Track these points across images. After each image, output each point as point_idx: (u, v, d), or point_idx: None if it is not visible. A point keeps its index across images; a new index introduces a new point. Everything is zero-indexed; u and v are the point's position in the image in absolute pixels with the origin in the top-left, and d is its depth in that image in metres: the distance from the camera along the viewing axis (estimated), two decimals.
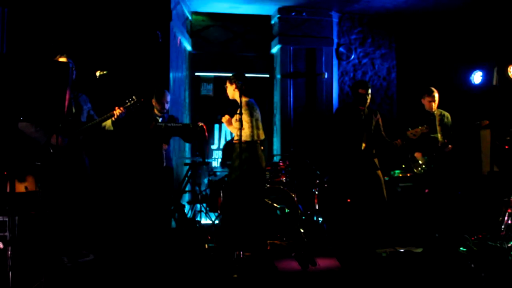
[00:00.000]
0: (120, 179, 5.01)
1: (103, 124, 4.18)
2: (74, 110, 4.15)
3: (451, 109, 5.47)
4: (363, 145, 4.96)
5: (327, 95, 7.10)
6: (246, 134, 4.40)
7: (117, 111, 4.08)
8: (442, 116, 5.27)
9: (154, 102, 5.03)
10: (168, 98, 5.06)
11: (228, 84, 4.50)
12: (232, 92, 4.48)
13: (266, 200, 5.23)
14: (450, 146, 5.09)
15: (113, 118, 4.10)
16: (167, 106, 5.05)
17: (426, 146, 5.11)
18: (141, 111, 4.28)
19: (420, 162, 5.22)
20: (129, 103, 4.13)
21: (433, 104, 5.22)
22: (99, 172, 4.74)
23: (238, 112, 4.27)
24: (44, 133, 3.96)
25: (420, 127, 4.81)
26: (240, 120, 4.27)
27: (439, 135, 5.10)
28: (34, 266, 3.54)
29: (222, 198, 5.33)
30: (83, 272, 3.85)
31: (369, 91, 4.95)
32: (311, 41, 7.08)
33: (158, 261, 4.22)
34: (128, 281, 3.66)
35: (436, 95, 5.22)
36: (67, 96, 4.00)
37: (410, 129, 4.88)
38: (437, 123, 5.16)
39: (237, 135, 4.29)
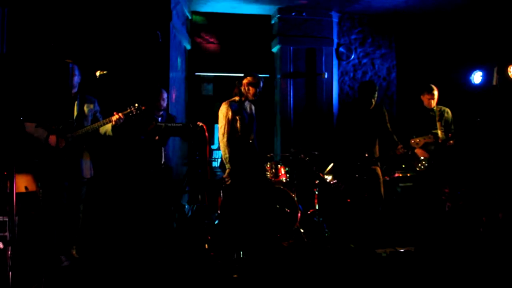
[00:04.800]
0: (120, 179, 5.00)
1: (103, 129, 4.14)
2: (76, 113, 4.14)
3: (451, 109, 5.46)
4: (377, 152, 5.01)
5: (327, 95, 7.10)
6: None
7: (115, 117, 4.02)
8: (442, 112, 5.26)
9: (159, 99, 5.00)
10: (165, 96, 5.02)
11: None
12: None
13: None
14: (451, 141, 5.07)
15: (113, 123, 4.06)
16: (164, 104, 5.02)
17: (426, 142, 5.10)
18: (141, 113, 4.24)
19: (421, 158, 5.21)
20: (129, 110, 4.07)
21: (432, 101, 5.23)
22: (99, 173, 4.74)
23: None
24: (44, 130, 3.96)
25: (423, 137, 4.82)
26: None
27: (439, 131, 5.10)
28: (34, 266, 3.54)
29: (222, 198, 5.33)
30: (83, 272, 3.85)
31: (376, 95, 5.02)
32: (311, 41, 7.08)
33: (158, 261, 4.22)
34: (128, 281, 3.66)
35: (436, 92, 5.23)
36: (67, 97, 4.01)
37: (414, 136, 4.88)
38: (436, 119, 5.16)
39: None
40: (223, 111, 4.37)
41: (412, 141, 4.83)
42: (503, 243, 4.49)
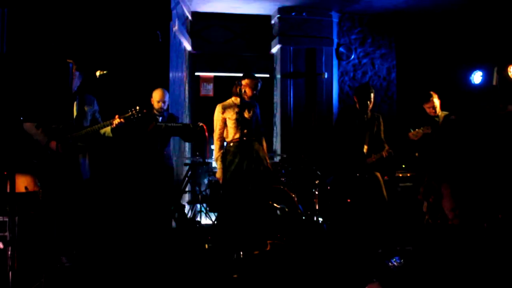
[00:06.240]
0: (119, 179, 5.01)
1: (103, 130, 4.14)
2: (76, 113, 4.14)
3: (451, 110, 5.45)
4: (365, 147, 4.97)
5: (327, 95, 7.10)
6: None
7: (116, 121, 4.02)
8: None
9: (152, 101, 5.01)
10: (166, 97, 5.03)
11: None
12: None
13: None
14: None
15: (113, 126, 4.05)
16: (164, 105, 5.02)
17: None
18: (142, 116, 4.24)
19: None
20: (130, 113, 4.06)
21: (433, 109, 5.17)
22: (98, 173, 4.74)
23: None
24: (45, 135, 3.96)
25: (422, 128, 4.80)
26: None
27: None
28: (34, 266, 3.54)
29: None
30: (82, 272, 3.85)
31: (372, 96, 4.94)
32: (311, 41, 7.08)
33: (158, 261, 4.22)
34: (128, 281, 3.66)
35: (435, 99, 5.15)
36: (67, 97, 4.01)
37: (411, 130, 4.88)
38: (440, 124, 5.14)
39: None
40: (216, 112, 4.70)
41: (411, 134, 4.81)
42: (505, 245, 4.47)
